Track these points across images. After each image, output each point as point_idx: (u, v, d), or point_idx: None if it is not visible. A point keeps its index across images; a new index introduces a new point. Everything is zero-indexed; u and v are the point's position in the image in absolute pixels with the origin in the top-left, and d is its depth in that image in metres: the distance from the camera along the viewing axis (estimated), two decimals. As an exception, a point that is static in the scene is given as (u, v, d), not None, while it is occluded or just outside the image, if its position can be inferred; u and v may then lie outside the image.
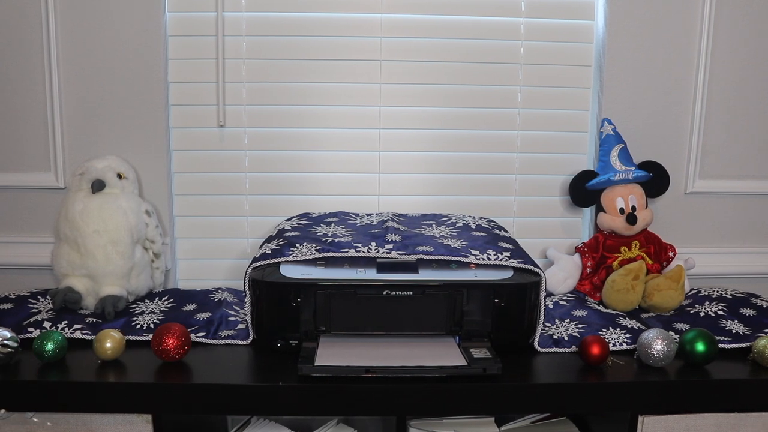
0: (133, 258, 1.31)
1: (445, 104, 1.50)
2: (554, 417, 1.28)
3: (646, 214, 1.42)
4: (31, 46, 1.40)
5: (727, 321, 1.25)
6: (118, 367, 1.07)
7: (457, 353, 1.07)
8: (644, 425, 1.08)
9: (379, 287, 1.10)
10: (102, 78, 1.42)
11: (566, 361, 1.12)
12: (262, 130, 1.49)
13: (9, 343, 1.05)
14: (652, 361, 1.08)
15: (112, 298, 1.25)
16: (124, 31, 1.40)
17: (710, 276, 1.50)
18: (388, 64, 1.48)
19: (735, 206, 1.54)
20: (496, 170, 1.54)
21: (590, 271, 1.42)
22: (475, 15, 1.47)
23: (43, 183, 1.44)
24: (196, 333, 1.18)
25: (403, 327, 1.13)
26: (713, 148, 1.51)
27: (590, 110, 1.52)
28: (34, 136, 1.43)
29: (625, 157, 1.43)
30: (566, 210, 1.55)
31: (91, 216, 1.27)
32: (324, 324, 1.11)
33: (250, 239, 1.51)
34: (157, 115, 1.44)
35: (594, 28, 1.49)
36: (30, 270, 1.46)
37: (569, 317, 1.26)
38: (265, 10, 1.45)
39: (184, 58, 1.45)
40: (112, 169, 1.34)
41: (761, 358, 1.10)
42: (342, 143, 1.50)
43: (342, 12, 1.45)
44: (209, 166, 1.49)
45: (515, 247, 1.23)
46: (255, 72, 1.46)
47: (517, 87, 1.50)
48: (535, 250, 1.51)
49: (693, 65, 1.48)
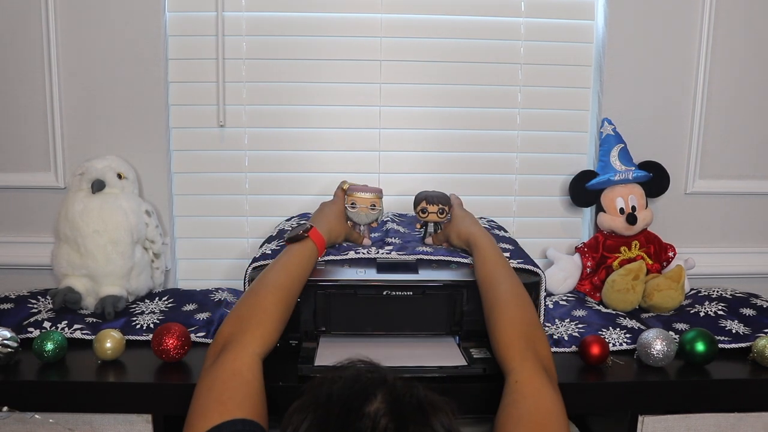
0: (133, 258, 1.31)
1: (445, 104, 1.50)
2: (554, 417, 1.28)
3: (646, 214, 1.42)
4: (31, 46, 1.40)
5: (727, 321, 1.25)
6: (118, 367, 1.07)
7: (457, 353, 1.07)
8: (644, 425, 1.08)
9: (379, 287, 1.10)
10: (102, 78, 1.42)
11: (566, 361, 1.12)
12: (262, 130, 1.49)
13: (9, 343, 1.05)
14: (652, 361, 1.08)
15: (112, 298, 1.25)
16: (124, 31, 1.40)
17: (710, 276, 1.50)
18: (388, 64, 1.48)
19: (735, 206, 1.54)
20: (496, 170, 1.54)
21: (590, 271, 1.42)
22: (475, 15, 1.47)
23: (43, 183, 1.44)
24: (196, 333, 1.18)
25: (403, 327, 1.13)
26: (713, 148, 1.51)
27: (590, 110, 1.52)
28: (34, 136, 1.43)
29: (625, 157, 1.43)
30: (566, 210, 1.55)
31: (91, 216, 1.27)
32: (324, 324, 1.11)
33: (250, 239, 1.51)
34: (157, 115, 1.44)
35: (594, 28, 1.49)
36: (30, 270, 1.46)
37: (569, 317, 1.26)
38: (265, 10, 1.45)
39: (184, 58, 1.45)
40: (112, 169, 1.34)
41: (761, 358, 1.10)
42: (342, 143, 1.50)
43: (342, 12, 1.45)
44: (209, 166, 1.49)
45: (515, 247, 1.23)
46: (255, 72, 1.46)
47: (517, 87, 1.50)
48: (535, 250, 1.51)
49: (693, 65, 1.47)
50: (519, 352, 0.90)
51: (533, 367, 0.88)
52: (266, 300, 0.96)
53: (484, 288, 1.04)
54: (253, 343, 0.89)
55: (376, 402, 0.59)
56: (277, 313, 0.95)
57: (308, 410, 0.60)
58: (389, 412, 0.58)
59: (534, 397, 0.84)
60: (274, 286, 0.99)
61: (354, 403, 0.59)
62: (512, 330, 0.94)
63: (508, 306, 0.98)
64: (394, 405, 0.59)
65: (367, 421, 0.57)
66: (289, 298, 1.00)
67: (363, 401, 0.59)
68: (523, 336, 0.93)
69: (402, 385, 0.62)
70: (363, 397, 0.60)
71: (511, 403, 0.84)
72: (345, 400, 0.60)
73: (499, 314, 0.97)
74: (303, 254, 1.06)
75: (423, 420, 0.59)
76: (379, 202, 1.19)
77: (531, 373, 0.87)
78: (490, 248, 1.10)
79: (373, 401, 0.59)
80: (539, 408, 0.82)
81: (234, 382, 0.82)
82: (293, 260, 1.04)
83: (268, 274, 1.02)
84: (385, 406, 0.59)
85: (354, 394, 0.60)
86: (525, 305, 0.99)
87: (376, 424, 0.57)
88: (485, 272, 1.06)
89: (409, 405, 0.60)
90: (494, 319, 0.97)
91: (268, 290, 0.98)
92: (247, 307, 0.95)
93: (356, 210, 1.18)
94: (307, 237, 1.08)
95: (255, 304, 0.96)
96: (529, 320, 0.97)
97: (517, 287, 1.03)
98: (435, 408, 0.61)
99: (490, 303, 1.00)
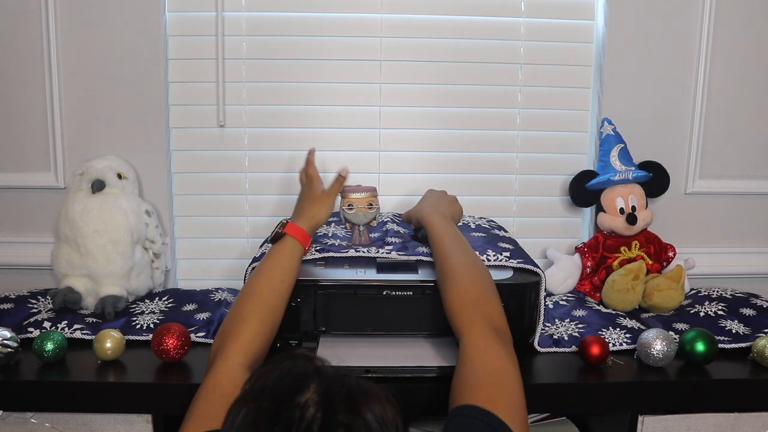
0: (133, 258, 1.31)
1: (445, 104, 1.50)
2: (554, 417, 1.28)
3: (646, 214, 1.42)
4: (31, 46, 1.39)
5: (727, 321, 1.25)
6: (118, 367, 1.07)
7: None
8: (644, 425, 1.08)
9: (379, 287, 1.10)
10: (102, 78, 1.42)
11: (566, 361, 1.12)
12: (262, 130, 1.49)
13: (9, 343, 1.05)
14: (652, 361, 1.08)
15: (112, 298, 1.25)
16: (124, 31, 1.40)
17: (710, 276, 1.50)
18: (388, 64, 1.48)
19: (735, 206, 1.54)
20: (496, 170, 1.54)
21: (590, 271, 1.42)
22: (475, 15, 1.47)
23: (43, 183, 1.44)
24: (196, 333, 1.18)
25: (403, 327, 1.13)
26: (713, 148, 1.51)
27: (590, 110, 1.52)
28: (34, 136, 1.43)
29: (625, 157, 1.43)
30: (566, 210, 1.55)
31: (91, 216, 1.27)
32: (324, 324, 1.11)
33: (250, 239, 1.51)
34: (157, 115, 1.44)
35: (594, 28, 1.49)
36: (30, 270, 1.45)
37: (569, 317, 1.26)
38: (265, 10, 1.45)
39: (184, 58, 1.45)
40: (112, 169, 1.34)
41: (761, 358, 1.10)
42: (342, 143, 1.50)
43: (342, 12, 1.45)
44: (209, 166, 1.49)
45: (515, 247, 1.23)
46: (255, 72, 1.46)
47: (517, 87, 1.50)
48: (535, 250, 1.51)
49: (693, 65, 1.47)
50: (467, 317, 0.93)
51: (481, 329, 0.90)
52: (244, 309, 0.98)
53: (437, 262, 1.07)
54: (234, 354, 0.91)
55: (308, 392, 0.58)
56: (256, 320, 0.97)
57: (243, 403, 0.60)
58: (319, 402, 0.57)
59: (481, 358, 0.86)
60: (251, 293, 1.01)
61: (286, 395, 0.58)
62: (460, 297, 0.97)
63: (455, 274, 1.01)
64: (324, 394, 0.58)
65: (296, 412, 0.57)
66: (270, 300, 1.01)
67: (295, 392, 0.58)
68: (471, 301, 0.96)
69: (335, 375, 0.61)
70: (295, 388, 0.59)
71: (460, 365, 0.87)
72: (277, 392, 0.59)
73: (447, 282, 1.00)
74: (282, 253, 1.06)
75: (353, 408, 0.58)
76: (375, 200, 1.19)
77: (478, 335, 0.90)
78: (439, 223, 1.14)
79: (306, 392, 0.58)
80: (486, 366, 0.85)
81: (213, 395, 0.84)
82: (270, 262, 1.05)
83: (248, 282, 1.04)
84: (316, 396, 0.58)
85: (286, 386, 0.59)
86: (474, 271, 1.02)
87: (304, 413, 0.56)
88: (435, 246, 1.09)
89: (339, 393, 0.58)
90: (444, 289, 1.01)
91: (246, 298, 1.00)
92: (229, 319, 0.98)
93: (354, 211, 1.18)
94: (284, 234, 1.08)
95: (235, 315, 0.98)
96: (478, 284, 0.99)
97: (465, 256, 1.05)
98: (366, 396, 0.59)
99: (440, 274, 1.04)
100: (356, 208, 1.18)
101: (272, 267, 1.04)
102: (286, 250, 1.07)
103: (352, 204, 1.18)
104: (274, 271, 1.04)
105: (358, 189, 1.19)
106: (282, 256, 1.06)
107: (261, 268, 1.05)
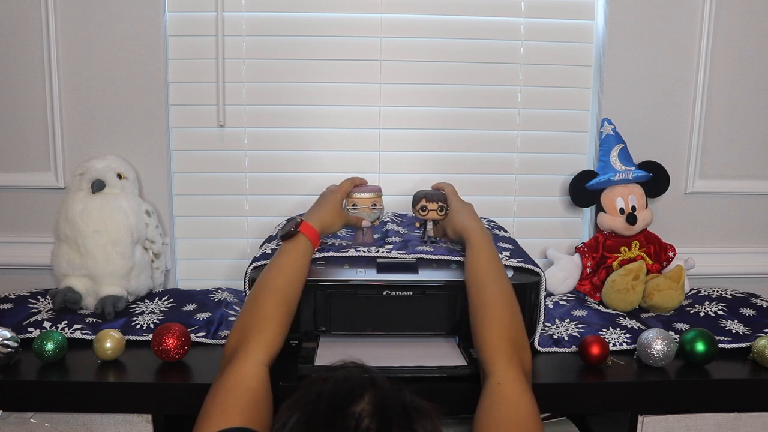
0: (133, 258, 1.31)
1: (445, 104, 1.50)
2: (554, 417, 1.28)
3: (646, 214, 1.42)
4: (31, 47, 1.40)
5: (727, 321, 1.25)
6: (118, 367, 1.07)
7: (457, 353, 1.07)
8: (644, 425, 1.08)
9: (379, 287, 1.10)
10: (102, 78, 1.42)
11: (566, 361, 1.12)
12: (262, 130, 1.49)
13: (9, 343, 1.05)
14: (652, 361, 1.08)
15: (112, 298, 1.25)
16: (124, 31, 1.40)
17: (710, 276, 1.50)
18: (388, 64, 1.48)
19: (735, 206, 1.54)
20: (496, 170, 1.54)
21: (590, 271, 1.42)
22: (475, 15, 1.47)
23: (43, 183, 1.44)
24: (196, 333, 1.18)
25: (403, 327, 1.13)
26: (713, 148, 1.51)
27: (590, 110, 1.52)
28: (34, 136, 1.43)
29: (625, 157, 1.43)
30: (566, 210, 1.55)
31: (91, 216, 1.27)
32: (324, 324, 1.11)
33: (250, 239, 1.51)
34: (157, 115, 1.44)
35: (594, 28, 1.49)
36: (30, 270, 1.46)
37: (569, 317, 1.26)
38: (265, 10, 1.45)
39: (184, 58, 1.45)
40: (112, 169, 1.34)
41: (761, 358, 1.10)
42: (342, 143, 1.50)
43: (342, 12, 1.45)
44: (209, 166, 1.49)
45: (515, 247, 1.23)
46: (255, 72, 1.46)
47: (517, 87, 1.50)
48: (535, 250, 1.51)
49: (693, 65, 1.47)
50: (506, 356, 0.90)
51: (518, 371, 0.88)
52: (266, 305, 0.97)
53: (474, 286, 1.03)
54: (257, 350, 0.90)
55: (362, 402, 0.60)
56: (278, 317, 0.96)
57: (297, 407, 0.61)
58: (374, 413, 0.59)
59: (515, 401, 0.84)
60: (271, 290, 0.99)
61: (341, 403, 0.60)
62: (500, 332, 0.94)
63: (498, 307, 0.98)
64: (379, 406, 0.60)
65: (351, 421, 0.58)
66: (289, 299, 1.00)
67: (350, 401, 0.60)
68: (511, 340, 0.93)
69: (389, 388, 0.63)
70: (350, 397, 0.60)
71: (493, 405, 0.85)
72: (333, 399, 0.61)
73: (487, 314, 0.97)
74: (297, 252, 1.05)
75: (407, 423, 0.60)
76: (379, 201, 1.19)
77: (515, 376, 0.87)
78: (485, 245, 1.09)
79: (360, 402, 0.60)
80: (519, 411, 0.83)
81: (237, 390, 0.83)
82: (288, 260, 1.04)
83: (266, 278, 1.02)
84: (371, 408, 0.60)
85: (342, 394, 0.61)
86: (514, 308, 0.99)
87: (359, 423, 0.58)
88: (476, 269, 1.05)
89: (394, 407, 0.60)
90: (482, 318, 0.97)
91: (267, 295, 0.98)
92: (249, 315, 0.96)
93: (358, 211, 1.18)
94: (298, 233, 1.07)
95: (256, 311, 0.96)
96: (517, 324, 0.97)
97: (508, 289, 1.02)
98: (420, 412, 0.61)
99: (479, 302, 1.00)
100: (360, 207, 1.18)
101: (290, 264, 1.03)
102: (301, 249, 1.06)
103: (357, 204, 1.18)
104: (291, 268, 1.03)
105: (363, 189, 1.19)
106: (298, 255, 1.05)
107: (278, 264, 1.03)
